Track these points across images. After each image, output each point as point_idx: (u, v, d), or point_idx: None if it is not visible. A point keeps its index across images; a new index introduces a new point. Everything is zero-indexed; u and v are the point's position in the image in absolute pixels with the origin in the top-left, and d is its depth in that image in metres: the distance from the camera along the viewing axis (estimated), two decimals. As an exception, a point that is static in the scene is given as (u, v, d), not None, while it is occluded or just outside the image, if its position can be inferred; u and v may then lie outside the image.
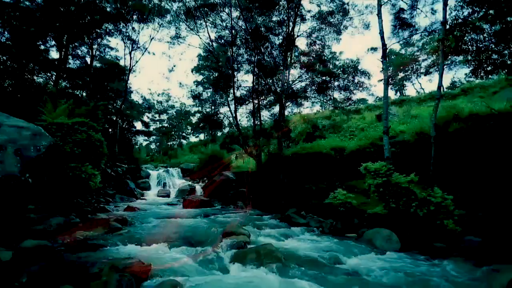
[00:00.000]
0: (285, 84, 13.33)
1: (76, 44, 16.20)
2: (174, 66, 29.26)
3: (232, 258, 3.96)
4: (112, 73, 17.31)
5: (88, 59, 17.61)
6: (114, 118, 19.42)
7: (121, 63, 19.65)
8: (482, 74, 7.80)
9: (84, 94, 16.92)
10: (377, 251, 4.61)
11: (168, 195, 14.50)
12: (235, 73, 14.01)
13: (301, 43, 51.48)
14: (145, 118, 31.50)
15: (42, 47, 13.00)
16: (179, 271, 3.35)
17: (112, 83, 18.61)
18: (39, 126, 5.90)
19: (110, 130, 19.11)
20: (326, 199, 7.21)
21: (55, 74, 13.50)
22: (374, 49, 13.84)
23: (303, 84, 14.51)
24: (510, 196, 5.42)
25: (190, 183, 16.49)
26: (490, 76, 8.74)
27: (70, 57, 16.36)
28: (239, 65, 14.42)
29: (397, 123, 13.20)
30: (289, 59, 13.65)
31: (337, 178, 9.91)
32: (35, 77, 11.83)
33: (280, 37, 13.67)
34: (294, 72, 15.01)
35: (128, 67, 19.61)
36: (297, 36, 13.81)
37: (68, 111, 7.82)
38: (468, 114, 7.42)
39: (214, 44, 15.27)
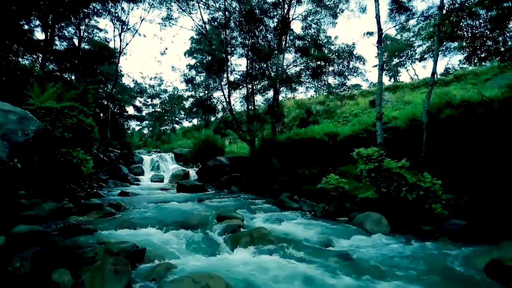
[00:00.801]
0: (280, 68, 13.16)
1: (62, 24, 15.54)
2: (166, 49, 28.61)
3: (226, 242, 4.04)
4: (102, 56, 16.77)
5: (76, 41, 16.98)
6: (105, 103, 19.03)
7: (111, 45, 19.05)
8: (475, 61, 7.83)
9: (73, 77, 16.42)
10: (367, 234, 4.75)
11: (161, 180, 14.50)
12: (229, 57, 13.74)
13: (296, 27, 50.44)
14: (137, 103, 30.97)
15: (26, 27, 12.42)
16: (174, 254, 3.41)
17: (102, 66, 18.07)
18: (27, 110, 5.73)
19: (101, 114, 18.76)
20: (319, 184, 7.32)
21: (41, 56, 13.01)
22: (370, 33, 13.65)
23: (297, 68, 14.37)
24: (494, 181, 5.60)
25: (183, 168, 16.49)
26: (483, 63, 8.77)
27: (56, 38, 15.73)
28: (232, 49, 14.12)
29: (390, 109, 13.29)
30: (283, 43, 13.41)
31: (330, 164, 10.03)
32: (20, 59, 11.37)
33: (275, 20, 13.36)
34: (289, 57, 14.84)
35: (118, 49, 19.02)
36: (293, 19, 13.51)
37: (57, 95, 7.60)
38: (460, 101, 7.48)
39: (207, 27, 14.86)
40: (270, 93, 14.66)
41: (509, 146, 5.87)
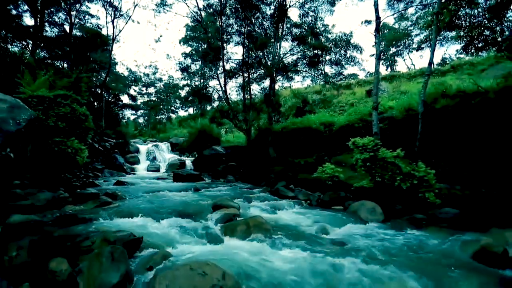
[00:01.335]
0: (276, 57, 13.00)
1: (52, 9, 15.04)
2: (161, 36, 27.87)
3: (222, 230, 4.08)
4: (94, 43, 16.36)
5: (67, 27, 16.50)
6: (99, 91, 18.71)
7: (104, 32, 18.58)
8: (472, 50, 7.82)
9: (65, 65, 16.04)
10: (361, 222, 4.83)
11: (158, 170, 14.49)
12: (225, 45, 13.51)
13: (293, 14, 49.51)
14: (132, 92, 30.55)
15: (14, 12, 12.01)
16: (170, 242, 3.43)
17: (95, 53, 17.65)
18: (18, 99, 5.61)
19: (95, 103, 18.48)
20: (315, 173, 7.37)
21: (31, 42, 12.65)
22: (367, 22, 13.49)
23: (294, 57, 14.21)
24: (486, 171, 5.69)
25: (179, 157, 16.47)
26: (480, 53, 8.76)
27: (46, 24, 15.26)
28: (228, 37, 13.87)
29: (386, 99, 13.30)
30: (280, 31, 13.19)
31: (326, 153, 10.09)
32: (9, 46, 11.04)
33: (272, 6, 13.09)
34: (286, 45, 14.68)
35: (111, 36, 18.57)
36: (290, 6, 13.25)
37: (49, 83, 7.43)
38: (456, 91, 7.51)
39: (203, 13, 14.53)
40: (267, 82, 14.54)
41: (502, 137, 5.94)
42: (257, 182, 9.44)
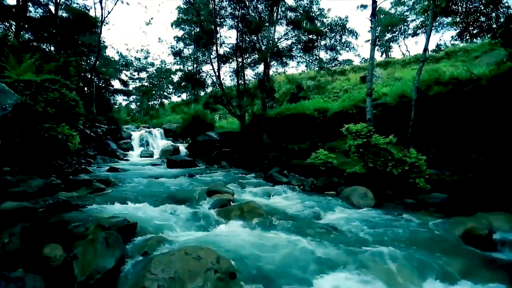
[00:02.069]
0: (271, 42, 12.76)
1: (36, -12, 14.31)
2: (152, 18, 27.05)
3: (217, 215, 4.12)
4: (82, 24, 15.72)
5: (52, 8, 15.76)
6: (89, 76, 18.19)
7: (91, 13, 17.82)
8: (467, 37, 7.80)
9: (52, 48, 15.46)
10: (353, 207, 4.94)
11: (151, 156, 14.41)
12: (218, 28, 13.16)
13: (289, -3, 48.19)
14: (123, 77, 29.82)
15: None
16: (165, 228, 3.46)
17: (83, 36, 17.02)
18: (3, 83, 5.42)
19: (85, 89, 18.02)
20: (308, 159, 7.44)
21: (14, 24, 12.08)
22: (363, 6, 13.29)
23: (289, 42, 13.98)
24: (474, 157, 5.83)
25: (173, 143, 16.37)
26: (474, 39, 8.74)
27: (30, 4, 14.54)
28: (222, 20, 13.50)
29: (380, 85, 13.30)
30: (275, 14, 12.88)
31: (320, 139, 10.15)
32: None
33: (267, -12, 12.68)
34: (280, 29, 14.39)
35: (100, 18, 17.86)
36: (285, -12, 12.87)
37: (35, 67, 7.19)
38: (449, 78, 7.54)
39: (195, -5, 14.04)
40: (261, 68, 14.33)
41: (491, 125, 6.04)
42: (251, 168, 9.49)
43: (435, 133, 6.99)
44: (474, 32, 7.56)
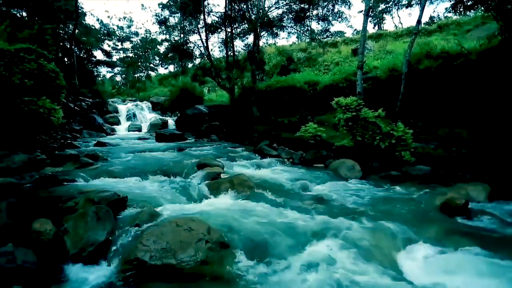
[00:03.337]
0: (261, 11, 12.19)
1: None
2: (133, -18, 24.96)
3: (207, 188, 4.17)
4: (56, -13, 14.46)
5: (21, -33, 14.30)
6: (68, 46, 17.11)
7: (66, -26, 16.31)
8: (461, 9, 7.64)
9: (24, 14, 14.29)
10: (341, 179, 5.10)
11: (139, 130, 14.16)
12: (205, -6, 12.38)
13: (280, -39, 45.22)
14: (106, 47, 28.19)
15: None
16: (156, 201, 3.49)
17: (58, 1, 15.71)
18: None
19: (65, 59, 17.04)
20: (298, 132, 7.48)
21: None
22: (358, -28, 12.64)
23: (280, 11, 13.39)
24: (458, 132, 5.99)
25: (161, 117, 16.05)
26: (468, 12, 8.57)
27: (-4, -38, 13.14)
28: (209, -15, 12.66)
29: (372, 58, 13.13)
30: (266, -20, 12.17)
31: (309, 112, 10.14)
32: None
33: (257, -50, 11.86)
34: (271, -3, 13.59)
35: (76, -20, 16.42)
36: (276, -50, 12.06)
37: (7, 34, 6.68)
38: (440, 51, 7.48)
39: (179, -44, 13.01)
40: (250, 38, 13.81)
41: (478, 99, 6.15)
42: (240, 141, 9.50)
43: (423, 107, 7.08)
44: (469, 3, 7.39)
